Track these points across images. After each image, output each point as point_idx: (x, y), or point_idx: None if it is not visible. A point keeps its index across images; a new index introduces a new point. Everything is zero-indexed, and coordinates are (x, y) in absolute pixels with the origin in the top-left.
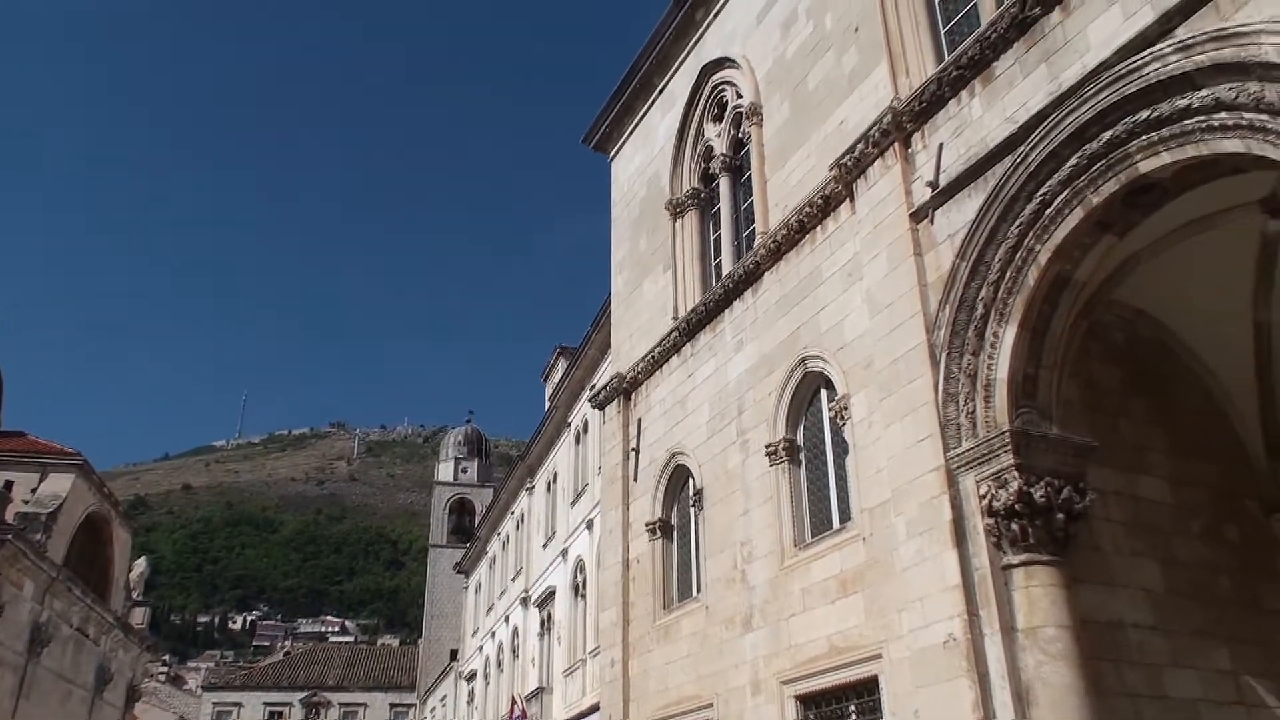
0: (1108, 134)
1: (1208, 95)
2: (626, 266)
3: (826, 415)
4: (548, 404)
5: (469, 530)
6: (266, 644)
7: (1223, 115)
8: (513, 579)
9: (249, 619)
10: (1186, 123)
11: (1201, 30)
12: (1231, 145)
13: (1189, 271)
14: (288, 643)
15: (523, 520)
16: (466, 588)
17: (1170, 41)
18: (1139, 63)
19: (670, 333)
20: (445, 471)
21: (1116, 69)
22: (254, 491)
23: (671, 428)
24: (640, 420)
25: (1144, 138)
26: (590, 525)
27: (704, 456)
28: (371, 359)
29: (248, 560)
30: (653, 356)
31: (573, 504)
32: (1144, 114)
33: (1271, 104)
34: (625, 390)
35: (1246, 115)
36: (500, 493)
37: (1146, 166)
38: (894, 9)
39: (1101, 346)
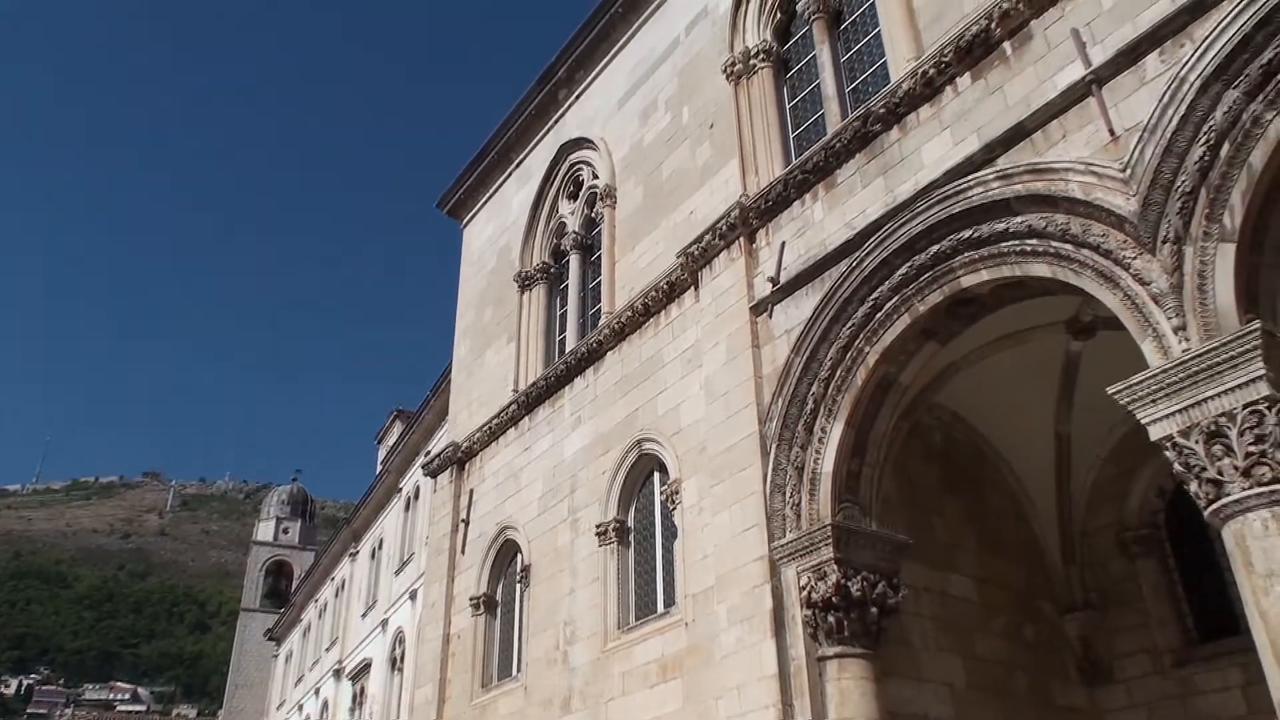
0: (935, 248)
1: (1022, 222)
2: (471, 335)
3: (658, 498)
4: (379, 467)
5: (285, 595)
6: (44, 712)
7: (1034, 241)
8: (327, 649)
9: (25, 683)
10: (1003, 245)
11: (1020, 162)
12: (1040, 270)
13: (1002, 382)
14: (69, 711)
15: (343, 587)
16: (276, 656)
17: (992, 169)
18: (964, 185)
19: (510, 405)
20: (265, 531)
21: (945, 189)
22: (49, 542)
23: (503, 501)
24: (473, 491)
25: (966, 254)
26: (414, 596)
27: (534, 532)
28: (194, 407)
29: (32, 617)
30: (490, 427)
31: (397, 573)
32: (967, 233)
33: (1075, 235)
34: (460, 460)
35: (1054, 244)
36: (322, 557)
37: (967, 281)
38: (748, 110)
39: (922, 446)
